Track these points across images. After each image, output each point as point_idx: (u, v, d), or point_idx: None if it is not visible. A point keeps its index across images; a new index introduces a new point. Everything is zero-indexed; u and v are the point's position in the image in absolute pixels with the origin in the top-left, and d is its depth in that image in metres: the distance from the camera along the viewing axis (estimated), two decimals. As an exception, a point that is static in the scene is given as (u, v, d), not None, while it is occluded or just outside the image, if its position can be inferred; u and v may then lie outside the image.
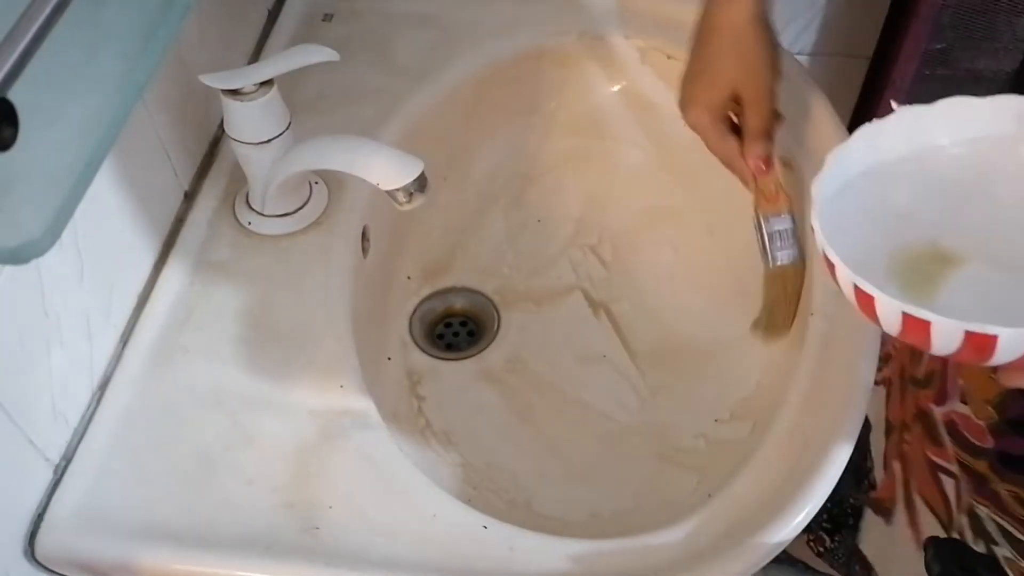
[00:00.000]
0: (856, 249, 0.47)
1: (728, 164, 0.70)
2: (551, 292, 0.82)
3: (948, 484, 0.78)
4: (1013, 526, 0.72)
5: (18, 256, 0.39)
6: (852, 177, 0.53)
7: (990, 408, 0.72)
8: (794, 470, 0.57)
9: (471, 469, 0.70)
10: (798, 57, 0.81)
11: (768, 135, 0.68)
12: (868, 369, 0.61)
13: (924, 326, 0.44)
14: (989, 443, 0.72)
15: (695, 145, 0.85)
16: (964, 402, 0.74)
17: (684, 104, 0.70)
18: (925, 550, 0.84)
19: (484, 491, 0.68)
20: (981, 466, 0.73)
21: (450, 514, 0.56)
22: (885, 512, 0.92)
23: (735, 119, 0.70)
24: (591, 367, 0.77)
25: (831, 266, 0.47)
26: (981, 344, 0.43)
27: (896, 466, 0.82)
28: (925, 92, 1.14)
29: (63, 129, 0.42)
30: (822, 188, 0.50)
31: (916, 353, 0.79)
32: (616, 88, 0.87)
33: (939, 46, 1.10)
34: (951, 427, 0.75)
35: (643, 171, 0.87)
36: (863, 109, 1.23)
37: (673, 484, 0.68)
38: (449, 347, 0.79)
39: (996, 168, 0.54)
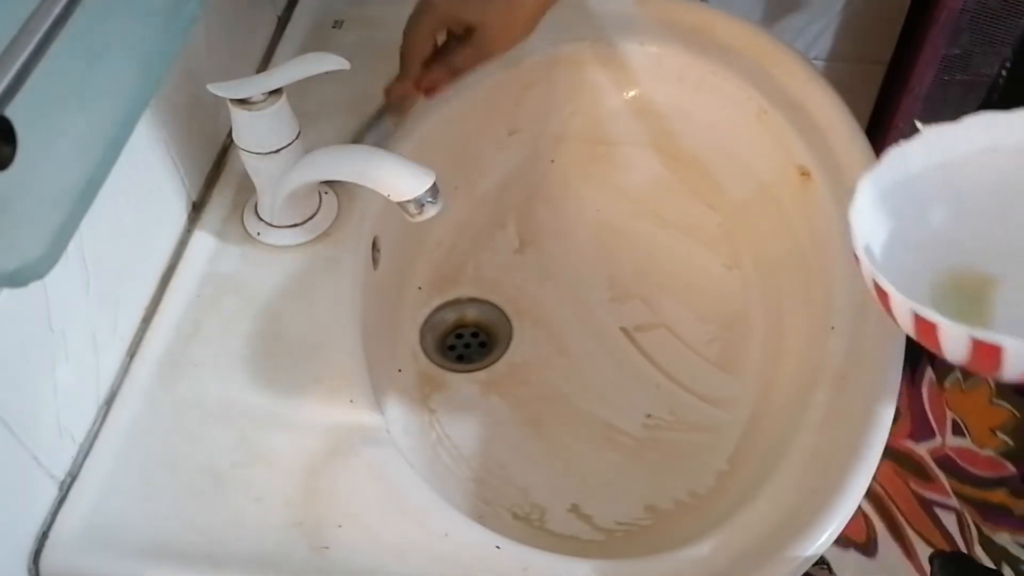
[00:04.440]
0: (897, 275, 0.46)
1: (405, 60, 0.71)
2: (564, 302, 0.81)
3: (948, 519, 0.77)
4: None
5: (16, 279, 0.38)
6: (883, 201, 0.52)
7: (1001, 435, 0.70)
8: (816, 489, 0.56)
9: (483, 484, 0.69)
10: (815, 62, 0.80)
11: (459, 76, 0.71)
12: (892, 383, 0.60)
13: (994, 351, 0.43)
14: (1005, 471, 0.70)
15: (710, 153, 0.84)
16: (959, 434, 0.72)
17: (423, 6, 0.69)
18: (931, 563, 0.83)
19: (496, 507, 0.67)
20: (997, 496, 0.71)
21: (462, 533, 0.55)
22: (860, 547, 0.90)
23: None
24: (605, 380, 0.76)
25: (883, 295, 0.46)
26: (988, 354, 0.43)
27: (865, 504, 0.80)
28: (943, 98, 1.13)
29: (64, 146, 0.41)
30: (858, 215, 0.49)
31: None
32: (630, 95, 0.86)
33: (957, 51, 1.08)
34: (945, 462, 0.73)
35: (657, 179, 0.86)
36: (880, 115, 1.22)
37: (690, 502, 0.66)
38: (460, 359, 0.78)
39: None
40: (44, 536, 0.55)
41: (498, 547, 0.54)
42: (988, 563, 0.75)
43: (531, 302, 0.81)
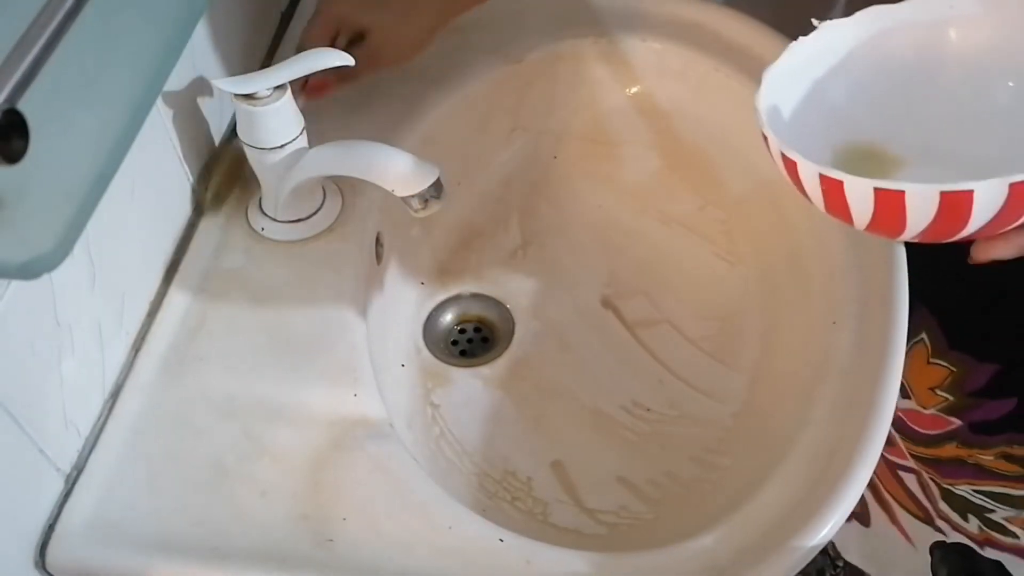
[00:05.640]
0: (801, 151, 0.48)
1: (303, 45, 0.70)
2: (566, 297, 0.81)
3: (910, 480, 0.79)
4: (1005, 487, 0.73)
5: (28, 271, 0.38)
6: (785, 88, 0.55)
7: (940, 393, 0.73)
8: (819, 481, 0.56)
9: (486, 478, 0.69)
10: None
11: (348, 82, 0.71)
12: (894, 376, 0.60)
13: (897, 199, 0.44)
14: (950, 425, 0.74)
15: (713, 150, 0.84)
16: (905, 397, 0.74)
17: (320, 6, 0.70)
18: (931, 554, 0.84)
19: (499, 501, 0.67)
20: (947, 451, 0.74)
21: (466, 526, 0.55)
22: (858, 516, 0.91)
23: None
24: (607, 374, 0.76)
25: (791, 165, 0.48)
26: (957, 204, 0.44)
27: None
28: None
29: (74, 140, 0.41)
30: (764, 102, 0.53)
31: None
32: (632, 91, 0.86)
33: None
34: (899, 424, 0.75)
35: (659, 176, 0.86)
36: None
37: (693, 496, 0.67)
38: (463, 354, 0.79)
39: (926, 63, 0.56)
40: (50, 529, 0.55)
41: (501, 540, 0.55)
42: (955, 518, 0.78)
43: (533, 298, 0.81)
